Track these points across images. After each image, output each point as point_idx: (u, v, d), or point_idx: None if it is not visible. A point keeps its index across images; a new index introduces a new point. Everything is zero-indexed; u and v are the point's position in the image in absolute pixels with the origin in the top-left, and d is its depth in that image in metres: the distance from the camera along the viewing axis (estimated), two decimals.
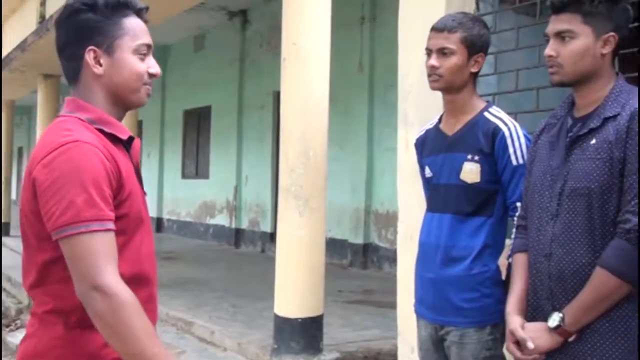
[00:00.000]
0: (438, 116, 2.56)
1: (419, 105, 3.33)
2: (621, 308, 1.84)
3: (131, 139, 1.74)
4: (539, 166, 2.07)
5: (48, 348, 1.60)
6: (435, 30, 2.39)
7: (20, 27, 12.60)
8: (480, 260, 2.32)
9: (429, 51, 2.40)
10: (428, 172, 2.52)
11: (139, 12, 1.73)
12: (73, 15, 1.68)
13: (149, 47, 1.73)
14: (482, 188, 2.34)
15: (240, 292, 7.69)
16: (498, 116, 2.38)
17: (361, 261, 9.72)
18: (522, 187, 2.21)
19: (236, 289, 7.92)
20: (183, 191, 15.23)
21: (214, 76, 13.64)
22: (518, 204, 2.25)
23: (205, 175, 14.41)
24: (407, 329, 3.20)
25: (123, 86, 1.71)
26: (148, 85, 1.74)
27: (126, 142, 1.72)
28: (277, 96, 5.69)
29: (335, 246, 9.87)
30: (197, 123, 14.87)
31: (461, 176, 2.36)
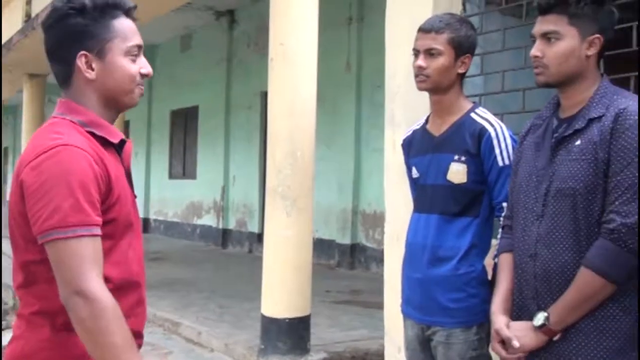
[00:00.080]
0: (425, 117, 2.56)
1: (406, 105, 3.34)
2: (606, 307, 1.85)
3: (123, 142, 1.73)
4: (525, 167, 2.08)
5: (35, 350, 1.60)
6: (422, 31, 2.40)
7: (5, 26, 12.50)
8: (466, 260, 2.33)
9: (416, 52, 2.40)
10: (415, 173, 2.52)
11: (128, 12, 1.72)
12: (62, 19, 1.66)
13: (140, 48, 1.73)
14: (469, 188, 2.35)
15: (227, 293, 7.68)
16: (484, 117, 2.39)
17: (348, 261, 9.72)
18: (508, 188, 2.22)
19: (223, 290, 7.91)
20: (170, 191, 15.18)
21: (201, 76, 13.61)
22: (504, 205, 2.26)
23: (192, 175, 14.37)
24: (394, 329, 3.20)
25: (116, 89, 1.70)
26: (140, 85, 1.74)
27: (117, 145, 1.72)
28: (265, 96, 5.68)
29: (322, 246, 9.87)
30: (184, 123, 14.83)
31: (448, 177, 2.37)
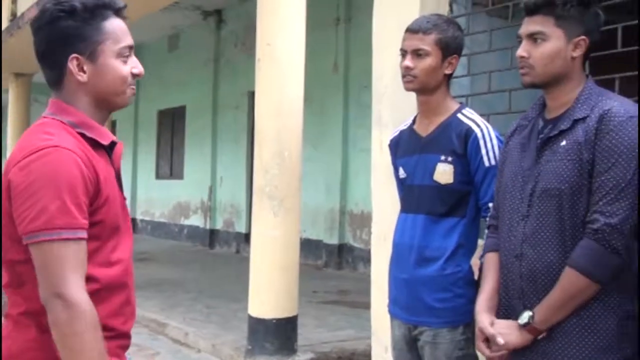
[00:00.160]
0: (412, 117, 2.57)
1: (393, 106, 3.34)
2: (591, 307, 1.86)
3: (113, 144, 1.73)
4: (511, 167, 2.09)
5: (22, 350, 1.59)
6: (410, 31, 2.40)
7: None
8: (453, 260, 2.34)
9: (404, 52, 2.40)
10: (402, 173, 2.52)
11: (118, 11, 1.71)
12: (52, 22, 1.64)
13: (131, 48, 1.72)
14: (455, 189, 2.35)
15: (214, 293, 7.67)
16: (471, 118, 2.40)
17: (336, 262, 9.73)
18: (494, 188, 2.23)
19: (210, 290, 7.89)
20: (157, 192, 15.13)
21: (189, 76, 13.58)
22: (490, 205, 2.27)
23: (179, 175, 14.33)
24: (381, 329, 3.21)
25: (108, 91, 1.70)
26: (132, 85, 1.73)
27: (108, 147, 1.71)
28: (252, 97, 5.67)
29: (310, 247, 9.88)
30: (172, 123, 14.79)
31: (435, 177, 2.37)
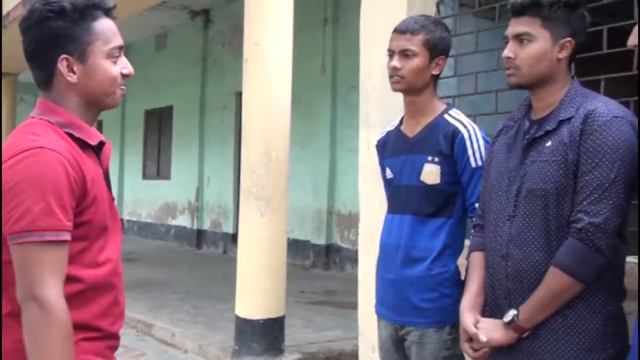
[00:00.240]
0: (399, 118, 2.57)
1: (381, 107, 3.35)
2: (576, 306, 1.87)
3: (102, 144, 1.73)
4: (497, 168, 2.10)
5: (9, 349, 1.59)
6: (397, 32, 2.41)
7: None
8: (440, 260, 2.35)
9: (391, 52, 2.41)
10: (389, 174, 2.53)
11: (108, 11, 1.70)
12: (42, 22, 1.63)
13: (121, 49, 1.72)
14: (442, 189, 2.36)
15: (201, 294, 7.65)
16: (457, 118, 2.40)
17: (323, 262, 9.73)
18: (481, 188, 2.24)
19: (197, 291, 7.87)
20: (144, 192, 15.07)
21: (176, 76, 13.54)
22: (477, 205, 2.28)
23: (166, 175, 14.28)
24: (368, 329, 3.21)
25: (98, 91, 1.70)
26: (122, 86, 1.74)
27: (96, 147, 1.71)
28: (240, 97, 5.67)
29: (297, 247, 9.87)
30: (159, 123, 14.73)
31: (421, 177, 2.38)
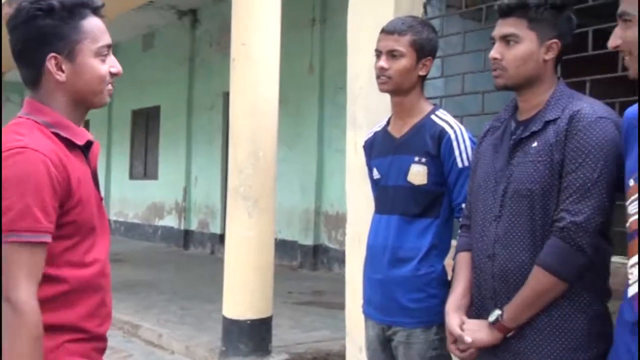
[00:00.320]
0: (386, 118, 2.58)
1: (368, 107, 3.35)
2: (561, 306, 1.88)
3: (90, 144, 1.72)
4: (483, 168, 2.11)
5: None
6: (385, 32, 2.41)
7: None
8: (427, 261, 2.35)
9: (379, 53, 2.41)
10: (376, 174, 2.53)
11: (96, 10, 1.70)
12: (30, 20, 1.62)
13: (109, 47, 1.72)
14: (429, 190, 2.36)
15: (188, 295, 7.63)
16: (444, 119, 2.41)
17: (311, 262, 9.73)
18: (467, 189, 2.25)
19: (185, 291, 7.85)
20: (131, 192, 15.00)
21: (163, 76, 13.49)
22: (464, 206, 2.28)
23: (153, 176, 14.23)
24: (355, 330, 3.21)
25: (86, 90, 1.69)
26: (110, 84, 1.73)
27: (84, 147, 1.70)
28: (227, 97, 5.65)
29: (285, 247, 9.86)
30: (146, 123, 14.68)
31: (408, 178, 2.38)
